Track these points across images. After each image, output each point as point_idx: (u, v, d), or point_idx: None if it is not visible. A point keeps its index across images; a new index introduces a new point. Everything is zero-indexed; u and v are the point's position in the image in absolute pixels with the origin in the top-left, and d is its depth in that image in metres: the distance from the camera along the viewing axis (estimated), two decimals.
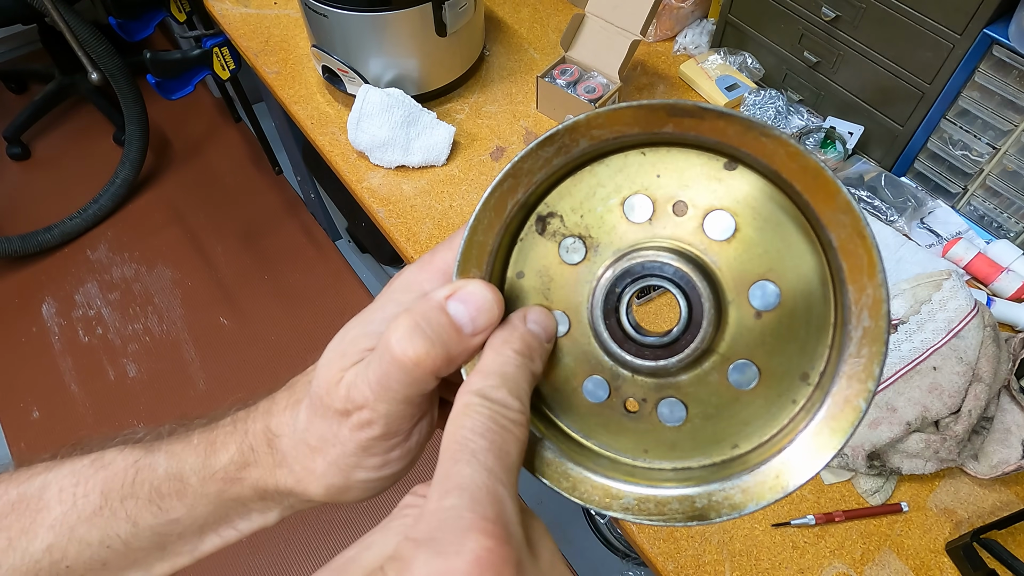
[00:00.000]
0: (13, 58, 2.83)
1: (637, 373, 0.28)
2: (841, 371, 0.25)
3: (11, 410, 1.89)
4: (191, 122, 2.55)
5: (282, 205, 2.31)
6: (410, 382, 0.26)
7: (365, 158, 1.10)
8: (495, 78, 1.22)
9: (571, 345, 0.29)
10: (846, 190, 0.24)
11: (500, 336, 0.27)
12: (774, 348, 0.27)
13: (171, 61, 1.58)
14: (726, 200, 0.26)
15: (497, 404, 0.25)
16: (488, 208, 0.28)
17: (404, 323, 0.26)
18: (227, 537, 0.34)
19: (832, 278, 0.26)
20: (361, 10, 1.01)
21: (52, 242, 2.17)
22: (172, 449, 0.33)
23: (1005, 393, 0.80)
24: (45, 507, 0.33)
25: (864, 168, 1.06)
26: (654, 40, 1.27)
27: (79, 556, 0.33)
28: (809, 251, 0.26)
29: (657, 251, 0.27)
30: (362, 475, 0.30)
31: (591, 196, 0.28)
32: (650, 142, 0.27)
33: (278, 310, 2.06)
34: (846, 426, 0.25)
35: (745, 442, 0.28)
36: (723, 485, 0.27)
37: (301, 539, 1.64)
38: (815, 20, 1.03)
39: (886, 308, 0.24)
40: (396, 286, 0.31)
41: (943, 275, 0.82)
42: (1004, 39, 0.84)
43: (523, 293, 0.29)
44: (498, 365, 0.26)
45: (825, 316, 0.26)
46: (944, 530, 0.76)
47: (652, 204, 0.27)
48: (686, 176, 0.27)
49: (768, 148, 0.24)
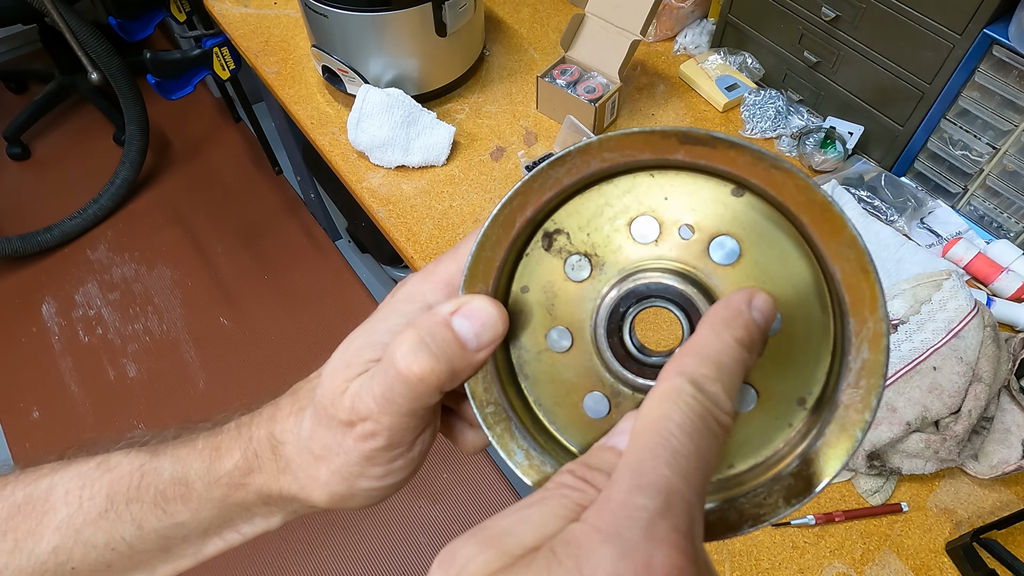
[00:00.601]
0: (13, 58, 2.83)
1: (637, 391, 0.29)
2: (839, 400, 0.26)
3: (11, 410, 1.89)
4: (191, 122, 2.55)
5: (282, 205, 2.31)
6: (414, 397, 0.27)
7: (365, 158, 1.10)
8: (495, 78, 1.22)
9: (574, 361, 0.29)
10: (852, 225, 0.24)
11: (721, 316, 0.24)
12: (773, 372, 0.27)
13: (171, 61, 1.58)
14: (732, 226, 0.27)
15: (710, 401, 0.22)
16: (497, 224, 0.28)
17: (409, 339, 0.26)
18: (230, 540, 0.34)
19: (833, 309, 0.26)
20: (361, 10, 1.01)
21: (52, 242, 2.17)
22: (177, 454, 0.33)
23: (1005, 393, 0.80)
24: (51, 509, 0.33)
25: (864, 168, 1.06)
26: (654, 40, 1.27)
27: (84, 558, 0.33)
28: (812, 281, 0.26)
29: (662, 272, 0.27)
30: (365, 484, 0.30)
31: (598, 215, 0.28)
32: (660, 165, 0.27)
33: (278, 310, 2.06)
34: (841, 454, 0.26)
35: (740, 463, 0.28)
36: (718, 504, 0.28)
37: (301, 539, 1.64)
38: (815, 20, 1.03)
39: (886, 342, 0.25)
40: (399, 296, 0.31)
41: (943, 275, 0.82)
42: (1004, 39, 0.84)
43: (528, 308, 0.30)
44: (716, 352, 0.23)
45: (824, 344, 0.27)
46: (944, 530, 0.76)
47: (659, 226, 0.28)
48: (694, 200, 0.27)
49: (777, 180, 0.25)
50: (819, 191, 0.24)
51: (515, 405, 0.30)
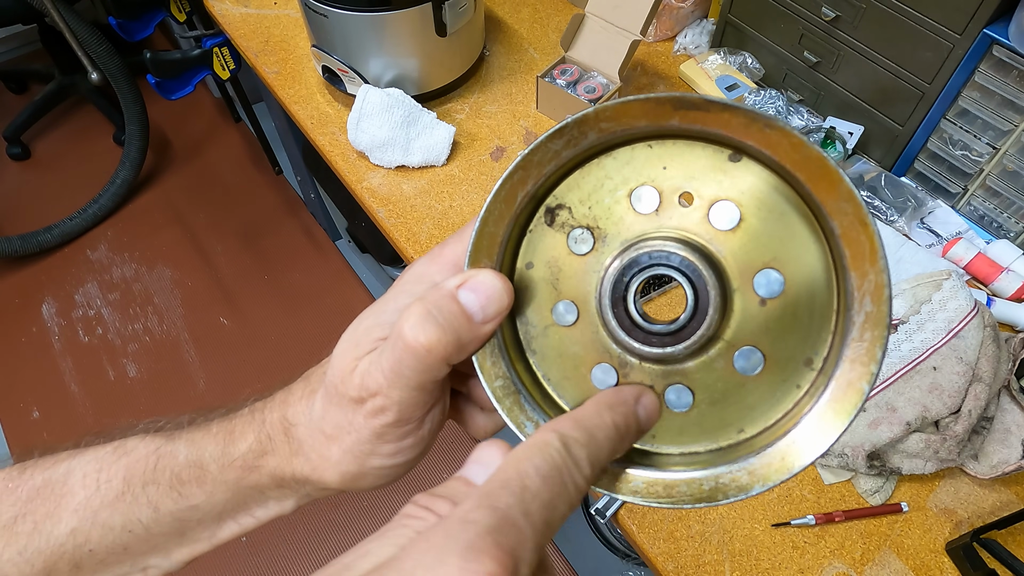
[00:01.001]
0: (13, 58, 2.83)
1: (644, 360, 0.29)
2: (844, 355, 0.26)
3: (11, 410, 1.89)
4: (191, 122, 2.55)
5: (282, 205, 2.31)
6: (423, 369, 0.27)
7: (365, 158, 1.10)
8: (495, 78, 1.22)
9: (580, 334, 0.30)
10: (848, 179, 0.24)
11: (608, 400, 0.27)
12: (779, 335, 0.28)
13: (171, 61, 1.58)
14: (731, 191, 0.27)
15: (572, 461, 0.24)
16: (499, 200, 0.28)
17: (416, 311, 0.27)
18: (245, 524, 0.35)
19: (835, 265, 0.26)
20: (361, 10, 1.01)
21: (52, 242, 2.17)
22: (192, 437, 0.34)
23: (1005, 393, 0.80)
24: (69, 492, 0.34)
25: (864, 168, 1.06)
26: (654, 40, 1.27)
27: (102, 540, 0.33)
28: (812, 239, 0.27)
29: (664, 241, 0.27)
30: (376, 462, 0.30)
31: (599, 188, 0.29)
32: (656, 135, 0.27)
33: (278, 310, 2.06)
34: (849, 408, 0.26)
35: (751, 426, 0.29)
36: (730, 468, 0.28)
37: (300, 539, 1.64)
38: (815, 20, 1.03)
39: (888, 293, 0.25)
40: (407, 278, 0.31)
41: (943, 275, 0.82)
42: (1004, 39, 0.84)
43: (533, 284, 0.30)
44: (592, 425, 0.26)
45: (828, 302, 0.27)
46: (944, 530, 0.76)
47: (659, 195, 0.28)
48: (692, 168, 0.27)
49: (772, 139, 0.25)
50: (814, 148, 0.25)
51: (524, 380, 0.30)
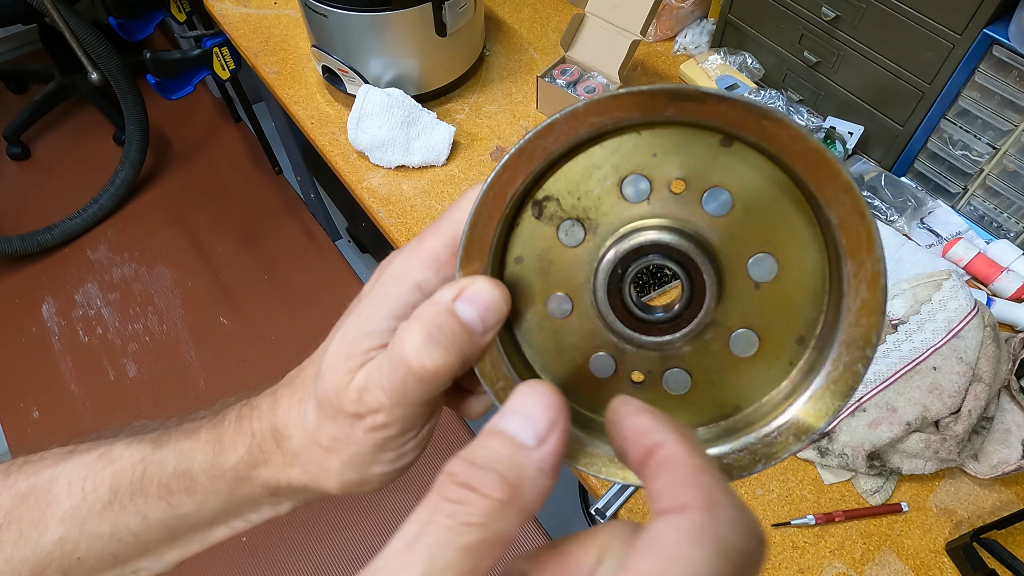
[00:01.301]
0: (13, 58, 2.83)
1: (641, 348, 0.29)
2: (839, 339, 0.27)
3: (11, 410, 1.89)
4: (191, 122, 2.55)
5: (282, 205, 2.31)
6: (428, 389, 0.27)
7: (365, 158, 1.10)
8: (495, 78, 1.22)
9: (575, 325, 0.30)
10: (846, 170, 0.25)
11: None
12: (773, 317, 0.28)
13: (171, 61, 1.58)
14: (723, 176, 0.27)
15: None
16: (487, 202, 0.28)
17: (417, 334, 0.26)
18: (237, 528, 0.34)
19: (829, 252, 0.27)
20: (361, 10, 1.01)
21: (52, 242, 2.17)
22: (180, 446, 0.33)
23: (1005, 393, 0.80)
24: (54, 500, 0.33)
25: (864, 168, 1.06)
26: (654, 40, 1.27)
27: (91, 548, 0.33)
28: (805, 225, 0.27)
29: (656, 230, 0.27)
30: (378, 469, 0.30)
31: (587, 178, 0.28)
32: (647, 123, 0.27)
33: (278, 310, 2.06)
34: (845, 389, 0.27)
35: (747, 404, 0.29)
36: (731, 447, 0.29)
37: (301, 539, 1.64)
38: (815, 20, 1.03)
39: (884, 282, 0.25)
40: (386, 278, 0.30)
41: (943, 275, 0.82)
42: (1004, 39, 0.84)
43: (524, 278, 0.30)
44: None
45: (821, 287, 0.27)
46: (944, 530, 0.76)
47: (649, 183, 0.28)
48: (682, 155, 0.27)
49: (769, 130, 0.25)
50: (812, 139, 0.24)
51: (523, 376, 0.30)
